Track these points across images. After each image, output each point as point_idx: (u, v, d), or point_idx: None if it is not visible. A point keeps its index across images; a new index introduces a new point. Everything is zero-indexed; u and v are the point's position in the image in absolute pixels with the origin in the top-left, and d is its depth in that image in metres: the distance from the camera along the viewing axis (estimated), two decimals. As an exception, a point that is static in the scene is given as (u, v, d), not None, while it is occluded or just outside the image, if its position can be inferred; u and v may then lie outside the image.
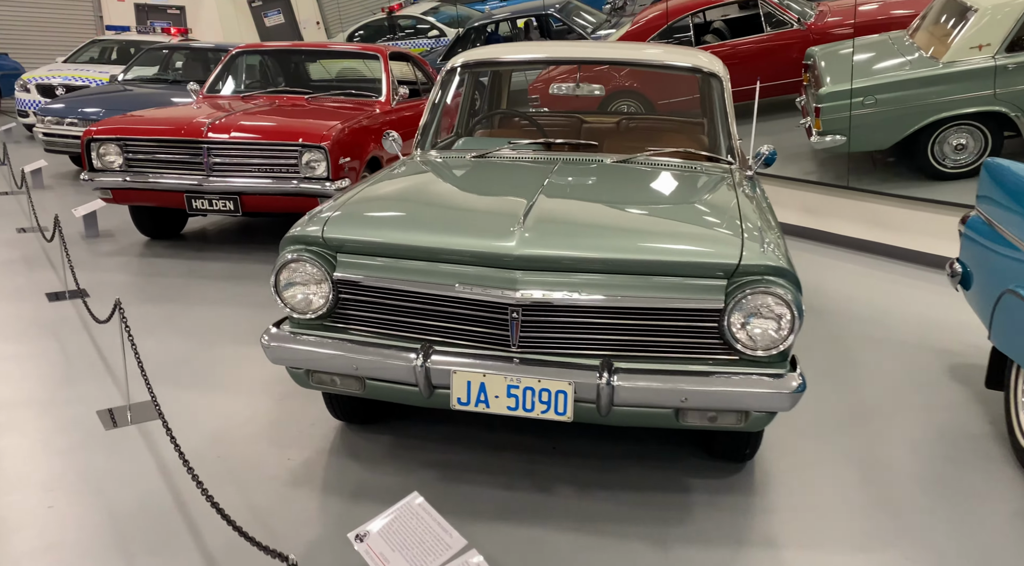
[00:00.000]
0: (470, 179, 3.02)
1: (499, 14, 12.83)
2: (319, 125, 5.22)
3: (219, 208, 5.19)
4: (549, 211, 2.46)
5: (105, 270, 5.07)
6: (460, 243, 2.33)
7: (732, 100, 3.44)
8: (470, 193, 2.84)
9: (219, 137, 5.11)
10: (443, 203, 2.70)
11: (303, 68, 7.55)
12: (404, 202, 2.71)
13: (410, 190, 2.85)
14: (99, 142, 5.24)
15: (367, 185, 2.84)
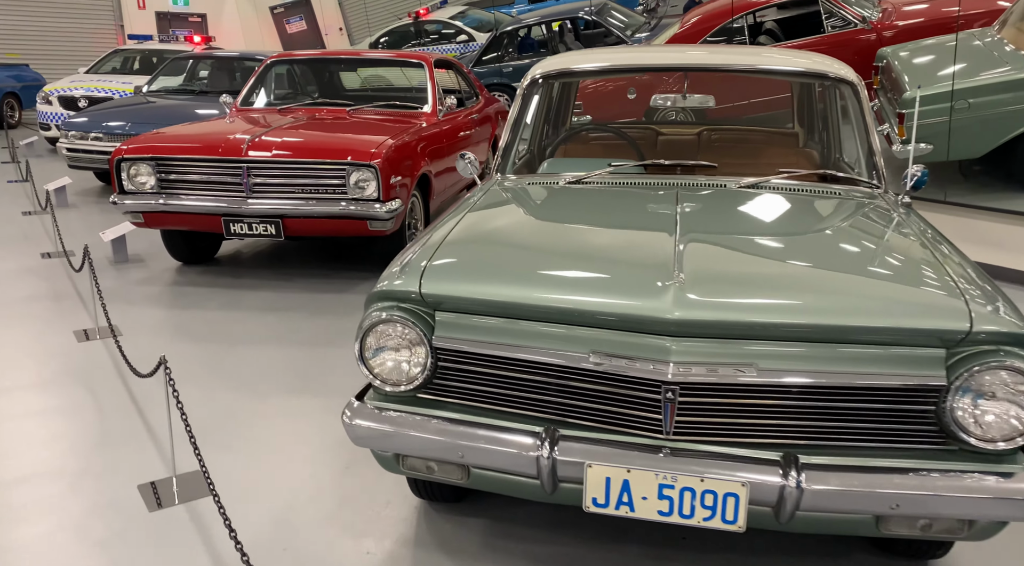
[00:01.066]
0: (582, 213, 2.54)
1: (528, 18, 12.39)
2: (367, 141, 4.78)
3: (259, 232, 4.76)
4: (704, 260, 1.98)
5: (137, 302, 4.66)
6: (597, 303, 1.85)
7: (870, 109, 2.96)
8: (591, 232, 2.36)
9: (259, 156, 4.68)
10: (562, 247, 2.22)
11: (338, 78, 7.14)
12: (513, 246, 2.24)
13: (515, 229, 2.39)
14: (130, 162, 4.82)
15: (458, 221, 2.38)
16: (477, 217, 2.44)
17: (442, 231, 2.30)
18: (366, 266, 5.34)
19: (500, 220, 2.47)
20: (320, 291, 4.85)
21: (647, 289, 1.85)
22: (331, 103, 5.91)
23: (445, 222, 2.44)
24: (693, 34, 8.37)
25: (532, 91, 3.19)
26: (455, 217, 2.44)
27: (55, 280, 5.09)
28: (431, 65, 6.10)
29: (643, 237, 2.20)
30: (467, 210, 2.51)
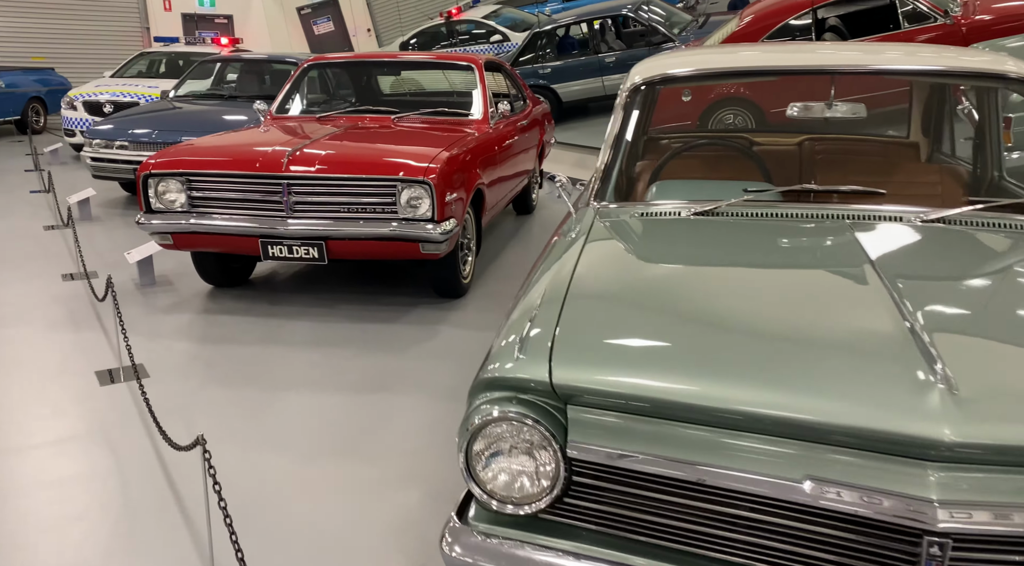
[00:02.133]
0: (741, 260, 1.99)
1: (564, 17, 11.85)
2: (420, 154, 4.28)
3: (300, 256, 4.28)
4: (967, 352, 1.44)
5: (165, 334, 4.20)
6: (817, 408, 1.33)
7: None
8: (769, 292, 1.80)
9: (301, 171, 4.21)
10: (742, 316, 1.66)
11: (378, 83, 6.66)
12: (669, 313, 1.70)
13: (661, 286, 1.86)
14: (158, 178, 4.37)
15: (572, 274, 1.86)
16: (598, 267, 1.92)
17: (553, 289, 1.79)
18: (413, 290, 4.85)
19: (632, 271, 1.95)
20: (365, 320, 4.37)
21: (896, 393, 1.32)
22: (374, 110, 5.42)
23: (549, 274, 1.92)
24: (752, 32, 7.80)
25: (634, 100, 2.67)
26: (563, 267, 1.92)
27: (77, 307, 4.65)
28: (481, 67, 5.60)
29: (850, 304, 1.66)
30: (576, 256, 1.99)
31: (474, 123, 5.26)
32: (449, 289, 4.67)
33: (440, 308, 4.56)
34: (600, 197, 2.49)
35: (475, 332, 4.18)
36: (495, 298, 4.73)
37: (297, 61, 8.74)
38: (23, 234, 6.43)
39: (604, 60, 10.83)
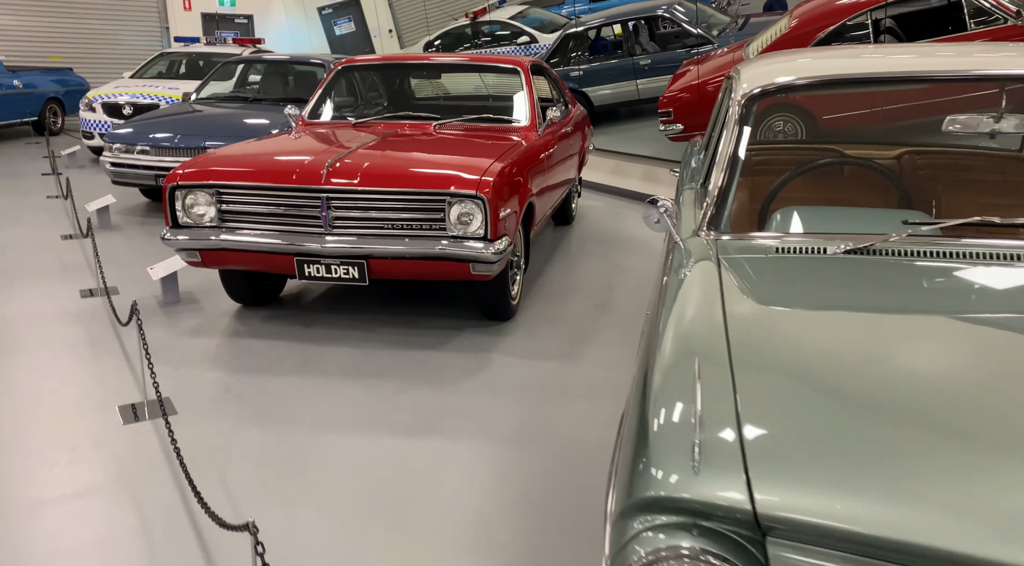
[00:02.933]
0: (928, 316, 1.60)
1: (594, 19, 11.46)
2: (471, 166, 3.91)
3: (339, 276, 3.92)
4: None
5: (192, 361, 3.84)
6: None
7: None
8: (981, 372, 1.40)
9: (342, 184, 3.85)
10: (953, 412, 1.26)
11: (408, 86, 6.30)
12: (863, 402, 1.30)
13: (841, 357, 1.46)
14: (186, 190, 4.02)
15: (723, 331, 1.48)
16: (752, 324, 1.53)
17: (708, 354, 1.40)
18: (457, 311, 4.48)
19: (799, 331, 1.55)
20: (408, 346, 4.00)
21: None
22: (413, 116, 5.06)
23: (686, 328, 1.54)
24: (802, 35, 7.39)
25: (749, 111, 2.29)
26: (705, 321, 1.54)
27: (97, 329, 4.30)
28: (527, 71, 5.23)
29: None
30: (718, 307, 1.59)
31: (521, 130, 4.89)
32: (497, 311, 4.30)
33: (488, 332, 4.19)
34: (714, 226, 2.11)
35: (529, 362, 3.81)
36: (545, 320, 4.36)
37: (323, 63, 8.42)
38: (39, 244, 6.11)
39: (639, 63, 10.43)
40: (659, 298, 1.86)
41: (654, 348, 1.53)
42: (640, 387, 1.46)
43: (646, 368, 1.51)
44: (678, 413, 1.26)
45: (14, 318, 4.46)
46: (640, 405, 1.35)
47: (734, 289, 1.69)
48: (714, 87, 7.86)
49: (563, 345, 4.02)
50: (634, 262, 5.60)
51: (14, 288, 5.00)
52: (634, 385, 1.58)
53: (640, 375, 1.54)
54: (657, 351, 1.50)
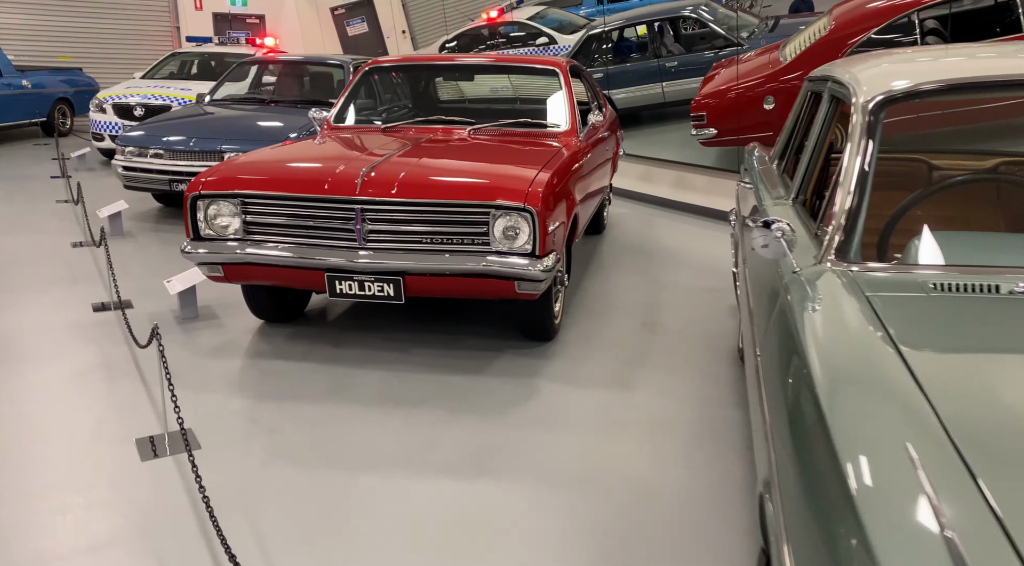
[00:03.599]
0: None
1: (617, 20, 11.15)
2: (517, 176, 3.62)
3: (373, 293, 3.62)
4: None
5: (215, 386, 3.55)
6: None
7: None
8: None
9: (378, 194, 3.55)
10: None
11: (438, 89, 6.01)
12: None
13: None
14: (208, 200, 3.73)
15: (926, 403, 1.16)
16: (955, 394, 1.21)
17: (915, 430, 1.10)
18: (494, 329, 4.18)
19: (1011, 402, 1.25)
20: (445, 370, 3.70)
21: None
22: (446, 121, 4.76)
23: (878, 418, 1.21)
24: (844, 37, 7.08)
25: (877, 119, 1.98)
26: (892, 383, 1.22)
27: (111, 348, 4.01)
28: (566, 72, 4.93)
29: None
30: (899, 365, 1.27)
31: (561, 136, 4.59)
32: (539, 332, 4.00)
33: (530, 354, 3.89)
34: (843, 256, 1.80)
35: (579, 389, 3.50)
36: (590, 341, 4.05)
37: (342, 63, 8.14)
38: (49, 253, 5.83)
39: (665, 65, 10.13)
40: (784, 342, 1.57)
41: (823, 419, 1.22)
42: (812, 473, 1.16)
43: (810, 443, 1.21)
44: (914, 528, 0.95)
45: (22, 334, 4.18)
46: (840, 505, 1.04)
47: (911, 341, 1.38)
48: (751, 90, 7.56)
49: (613, 370, 3.71)
50: (675, 275, 5.29)
51: (23, 301, 4.72)
52: (786, 458, 1.29)
53: (799, 452, 1.25)
54: (834, 426, 1.18)
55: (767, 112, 7.45)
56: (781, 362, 1.57)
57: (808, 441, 1.24)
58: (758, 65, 7.92)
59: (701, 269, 5.45)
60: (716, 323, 4.33)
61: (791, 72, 7.28)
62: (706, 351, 3.94)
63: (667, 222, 7.08)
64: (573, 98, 4.80)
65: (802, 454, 1.24)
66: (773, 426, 1.50)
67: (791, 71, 7.26)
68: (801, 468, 1.21)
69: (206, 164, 6.45)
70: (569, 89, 4.82)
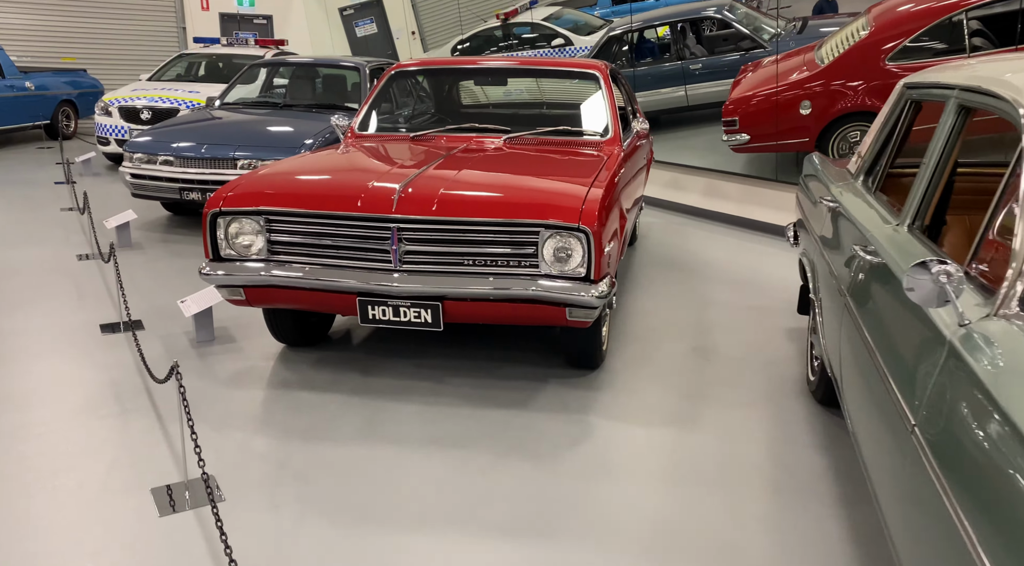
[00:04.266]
0: None
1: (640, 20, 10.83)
2: (567, 191, 3.30)
3: (409, 319, 3.31)
4: None
5: (237, 423, 3.23)
6: None
7: None
8: None
9: (416, 212, 3.24)
10: None
11: (462, 93, 5.69)
12: None
13: None
14: (230, 218, 3.42)
15: None
16: None
17: None
18: (533, 355, 3.87)
19: None
20: (486, 402, 3.39)
21: None
22: (479, 128, 4.45)
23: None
24: (886, 39, 6.76)
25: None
26: None
27: (121, 376, 3.69)
28: (607, 76, 4.62)
29: None
30: None
31: (603, 144, 4.27)
32: (586, 360, 3.69)
33: (577, 385, 3.57)
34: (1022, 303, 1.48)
35: (638, 428, 3.18)
36: (640, 370, 3.74)
37: (358, 66, 7.83)
38: (53, 266, 5.52)
39: (689, 67, 9.81)
40: (974, 417, 1.26)
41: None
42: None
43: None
44: None
45: (24, 359, 3.87)
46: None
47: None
48: (786, 95, 7.24)
49: (671, 405, 3.39)
50: (716, 291, 4.97)
51: (24, 321, 4.41)
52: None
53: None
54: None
55: (804, 117, 7.13)
56: (972, 442, 1.26)
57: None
58: (792, 68, 7.60)
59: (743, 284, 5.13)
60: (774, 348, 4.01)
61: (829, 76, 6.97)
62: (769, 381, 3.62)
63: (699, 232, 6.77)
64: (615, 104, 4.49)
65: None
66: (966, 513, 1.20)
67: (829, 75, 6.95)
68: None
69: (218, 172, 6.14)
70: (611, 94, 4.50)
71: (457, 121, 4.67)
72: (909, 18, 6.77)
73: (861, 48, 6.84)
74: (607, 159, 3.95)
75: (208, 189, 6.15)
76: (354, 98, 7.65)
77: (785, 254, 5.92)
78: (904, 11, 6.88)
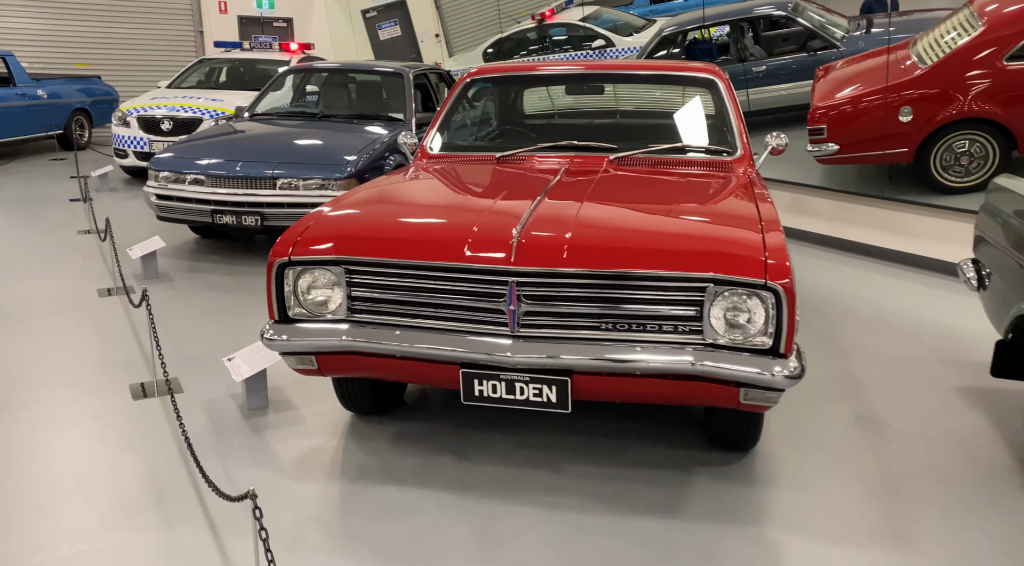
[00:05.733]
0: None
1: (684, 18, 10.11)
2: (741, 237, 2.57)
3: (527, 398, 2.58)
4: None
5: (314, 541, 2.49)
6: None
7: None
8: None
9: (541, 262, 2.52)
10: None
11: (534, 103, 4.95)
12: None
13: None
14: (300, 269, 2.70)
15: None
16: None
17: None
18: (664, 423, 3.13)
19: None
20: (628, 504, 2.65)
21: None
22: (580, 147, 3.70)
23: None
24: (1007, 37, 5.98)
25: None
26: None
27: (161, 466, 2.97)
28: (727, 82, 3.89)
29: None
30: None
31: (733, 164, 3.54)
32: (739, 443, 2.95)
33: (731, 476, 2.83)
34: None
35: (835, 550, 2.43)
36: (804, 453, 2.99)
37: (401, 72, 7.12)
38: (73, 303, 4.83)
39: (751, 69, 9.06)
40: None
41: None
42: None
43: None
44: None
45: (43, 440, 3.16)
46: None
47: None
48: (882, 100, 6.48)
49: (867, 510, 2.64)
50: (849, 335, 4.22)
51: (41, 380, 3.71)
52: None
53: None
54: None
55: (904, 125, 6.37)
56: None
57: None
58: (881, 70, 6.85)
59: (874, 324, 4.38)
60: (957, 418, 3.26)
61: (934, 79, 6.20)
62: (973, 469, 2.87)
63: (804, 259, 5.98)
64: (741, 115, 3.76)
65: None
66: None
67: (935, 78, 6.17)
68: None
69: (254, 192, 5.44)
70: (735, 103, 3.77)
71: (551, 137, 3.95)
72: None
73: (972, 47, 6.07)
74: (753, 186, 3.22)
75: (244, 212, 5.45)
76: (396, 107, 6.95)
77: (910, 285, 5.18)
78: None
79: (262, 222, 5.48)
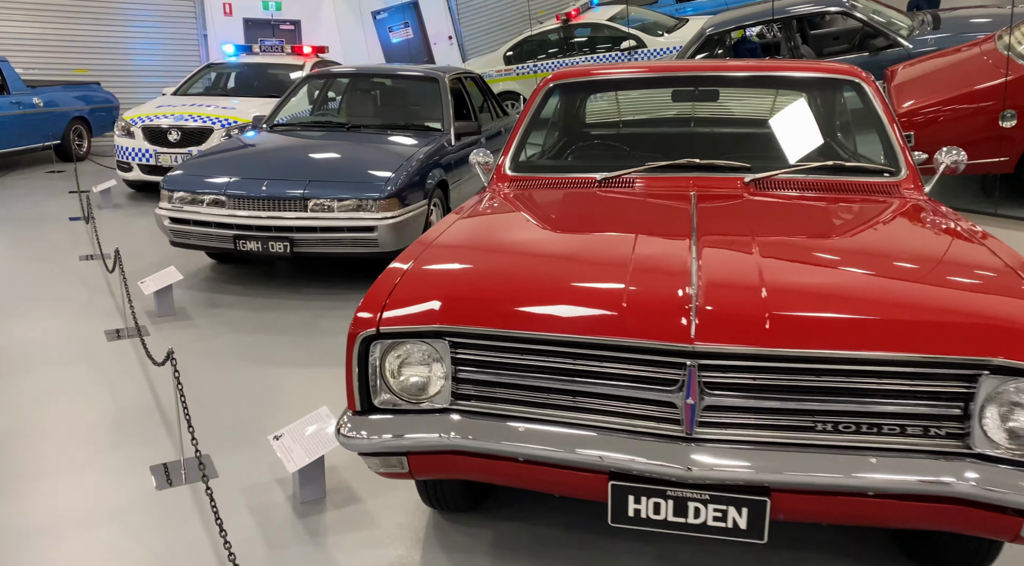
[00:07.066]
0: None
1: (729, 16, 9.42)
2: (1005, 304, 1.87)
3: (705, 522, 1.88)
4: None
5: None
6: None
7: None
8: None
9: (733, 340, 1.81)
10: None
11: (641, 112, 4.25)
12: None
13: None
14: (390, 343, 2.00)
15: None
16: None
17: None
18: (831, 530, 2.43)
19: None
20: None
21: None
22: (703, 165, 2.99)
23: None
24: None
25: None
26: None
27: None
28: (876, 87, 3.19)
29: None
30: None
31: (900, 187, 2.84)
32: (965, 562, 2.25)
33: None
34: None
35: None
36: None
37: (436, 77, 6.42)
38: (78, 349, 4.11)
39: (808, 71, 8.37)
40: None
41: None
42: None
43: None
44: None
45: (35, 545, 2.46)
46: None
47: None
48: (978, 103, 5.80)
49: None
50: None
51: (43, 470, 3.00)
52: None
53: None
54: None
55: (1005, 130, 5.71)
56: None
57: None
58: (969, 70, 6.18)
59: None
60: None
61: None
62: None
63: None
64: (898, 124, 3.06)
65: None
66: None
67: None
68: None
69: (282, 215, 4.74)
70: (887, 110, 3.07)
71: (641, 152, 3.24)
72: None
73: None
74: (956, 220, 2.52)
75: (271, 237, 4.74)
76: (430, 115, 6.25)
77: None
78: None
79: (291, 248, 4.76)
